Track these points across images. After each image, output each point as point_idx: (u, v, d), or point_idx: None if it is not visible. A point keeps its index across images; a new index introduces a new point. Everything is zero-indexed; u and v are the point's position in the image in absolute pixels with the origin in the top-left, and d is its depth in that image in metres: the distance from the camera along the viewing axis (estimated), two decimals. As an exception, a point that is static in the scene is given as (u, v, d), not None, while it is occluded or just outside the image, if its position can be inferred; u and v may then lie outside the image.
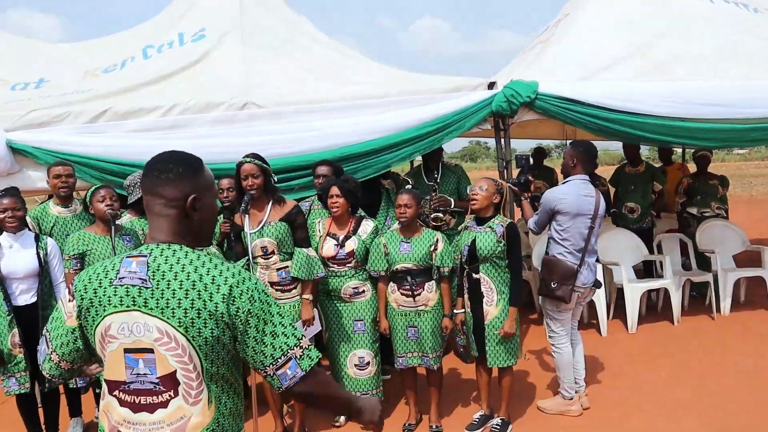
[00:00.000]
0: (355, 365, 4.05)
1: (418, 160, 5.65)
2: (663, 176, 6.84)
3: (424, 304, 3.91)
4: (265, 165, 3.75)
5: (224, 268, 1.56)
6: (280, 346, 1.55)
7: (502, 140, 5.08)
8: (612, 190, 6.91)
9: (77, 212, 4.26)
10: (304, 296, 3.79)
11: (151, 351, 1.52)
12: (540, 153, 8.15)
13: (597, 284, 4.11)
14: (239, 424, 1.63)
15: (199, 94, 4.92)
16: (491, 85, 5.04)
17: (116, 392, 1.55)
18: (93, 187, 3.83)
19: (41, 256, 3.78)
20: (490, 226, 3.83)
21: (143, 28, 6.50)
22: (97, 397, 3.86)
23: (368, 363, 4.05)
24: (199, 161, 1.66)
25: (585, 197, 3.96)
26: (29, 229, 3.98)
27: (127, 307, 1.52)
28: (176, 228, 1.59)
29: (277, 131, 4.77)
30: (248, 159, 3.71)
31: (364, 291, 4.04)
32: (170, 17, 6.25)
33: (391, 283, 3.96)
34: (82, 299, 1.57)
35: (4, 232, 3.80)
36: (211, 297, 1.51)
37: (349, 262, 3.98)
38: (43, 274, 3.78)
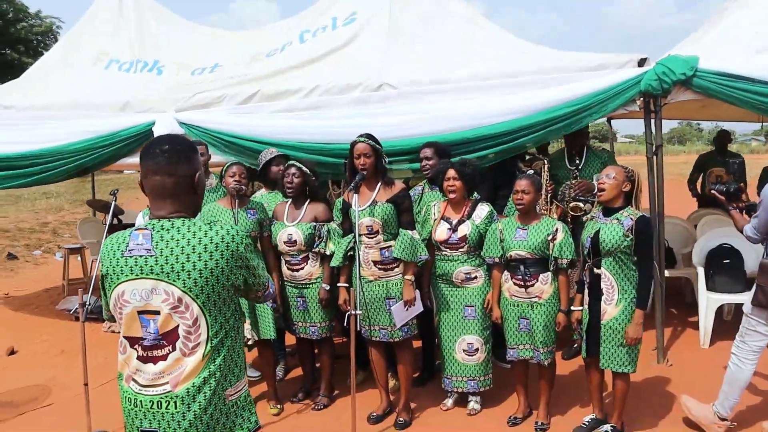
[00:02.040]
0: (464, 350, 4.01)
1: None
2: None
3: (537, 296, 3.73)
4: (377, 145, 3.82)
5: (217, 229, 1.79)
6: (262, 274, 1.97)
7: (653, 122, 4.57)
8: None
9: (213, 185, 4.72)
10: (407, 277, 3.82)
11: (158, 312, 1.76)
12: (723, 136, 7.16)
13: None
14: (237, 374, 1.86)
15: (340, 76, 5.13)
16: (642, 62, 4.53)
17: (135, 346, 1.81)
18: (228, 163, 4.20)
19: None
20: (617, 218, 3.51)
21: (307, 12, 6.88)
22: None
23: (477, 349, 3.98)
24: (193, 142, 1.97)
25: None
26: None
27: (137, 275, 1.76)
28: (182, 202, 1.83)
29: (407, 112, 4.81)
30: (362, 138, 3.81)
31: (476, 277, 3.96)
32: (329, 1, 6.55)
33: (505, 272, 3.84)
34: (104, 266, 1.84)
35: None
36: (211, 256, 1.76)
37: (462, 247, 3.92)
38: None
